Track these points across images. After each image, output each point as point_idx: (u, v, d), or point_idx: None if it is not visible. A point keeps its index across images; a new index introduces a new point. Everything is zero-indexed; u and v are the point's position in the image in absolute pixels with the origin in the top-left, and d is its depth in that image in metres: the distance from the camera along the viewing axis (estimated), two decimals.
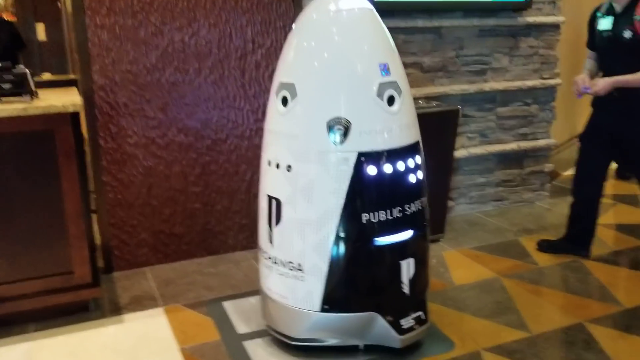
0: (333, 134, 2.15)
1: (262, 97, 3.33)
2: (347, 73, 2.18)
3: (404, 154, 2.26)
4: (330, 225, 2.20)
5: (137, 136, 3.13)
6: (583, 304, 2.81)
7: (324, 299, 2.27)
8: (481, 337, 2.52)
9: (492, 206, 4.21)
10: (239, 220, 3.46)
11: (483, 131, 4.03)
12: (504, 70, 3.99)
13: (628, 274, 3.12)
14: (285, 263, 2.31)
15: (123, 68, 3.02)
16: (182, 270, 3.27)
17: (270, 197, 2.32)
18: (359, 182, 2.18)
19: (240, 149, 3.36)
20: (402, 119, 2.26)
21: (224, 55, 3.20)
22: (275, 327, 2.45)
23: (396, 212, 2.25)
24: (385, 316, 2.30)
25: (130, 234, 3.23)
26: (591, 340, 2.49)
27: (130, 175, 3.16)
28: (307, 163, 2.19)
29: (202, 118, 3.23)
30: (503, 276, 3.11)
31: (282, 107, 2.25)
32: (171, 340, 2.54)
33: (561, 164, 5.02)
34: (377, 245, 2.25)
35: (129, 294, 2.98)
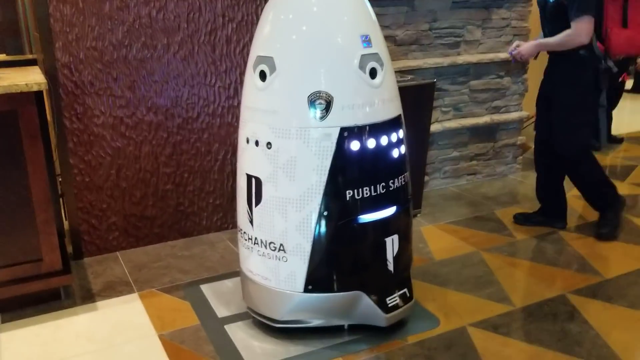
0: (314, 109, 2.07)
1: (233, 73, 3.22)
2: (327, 45, 2.09)
3: (387, 128, 2.20)
4: (313, 203, 2.13)
5: (104, 116, 2.98)
6: (563, 276, 2.82)
7: (307, 280, 2.21)
8: (465, 313, 2.50)
9: (466, 180, 4.21)
10: (212, 200, 3.36)
11: (457, 105, 4.00)
12: (476, 42, 3.96)
13: (604, 245, 3.15)
14: (266, 244, 2.23)
15: (88, 45, 2.87)
16: (155, 254, 3.17)
17: (249, 175, 2.24)
18: (342, 158, 2.11)
19: (213, 128, 3.24)
20: (385, 93, 2.20)
21: (194, 30, 3.07)
22: (257, 310, 2.39)
23: (380, 188, 2.20)
24: (370, 295, 2.26)
25: (99, 218, 3.11)
26: (574, 311, 2.50)
27: (98, 157, 3.03)
28: (288, 139, 2.11)
29: (172, 96, 3.10)
30: (482, 250, 3.11)
31: (260, 81, 2.16)
32: (148, 327, 2.45)
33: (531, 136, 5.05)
34: (361, 222, 2.19)
35: (101, 280, 2.87)
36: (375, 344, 2.29)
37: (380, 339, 2.31)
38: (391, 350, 2.25)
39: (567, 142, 3.11)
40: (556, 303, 2.57)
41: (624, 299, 2.60)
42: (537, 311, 2.51)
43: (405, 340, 2.31)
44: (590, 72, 2.98)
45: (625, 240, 3.20)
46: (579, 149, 3.13)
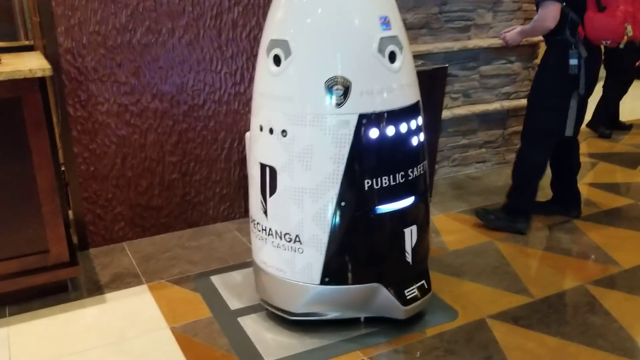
0: (332, 95, 1.99)
1: (240, 59, 3.12)
2: (345, 27, 2.01)
3: (406, 115, 2.12)
4: (331, 193, 2.06)
5: (108, 103, 2.90)
6: (581, 266, 2.76)
7: (324, 272, 2.14)
8: (484, 304, 2.44)
9: (474, 168, 4.14)
10: (219, 190, 3.28)
11: (466, 91, 3.92)
12: (487, 26, 3.87)
13: (621, 234, 3.09)
14: (281, 235, 2.16)
15: (90, 29, 2.77)
16: (162, 244, 3.09)
17: (263, 165, 2.16)
18: (360, 147, 2.03)
19: (219, 115, 3.16)
20: (404, 77, 2.12)
21: (199, 14, 2.97)
22: (271, 302, 2.32)
23: (399, 177, 2.12)
24: (389, 287, 2.19)
25: (105, 208, 3.03)
26: (595, 302, 2.44)
27: (103, 146, 2.94)
28: (304, 127, 2.03)
29: (177, 82, 3.01)
30: (496, 240, 3.04)
31: (275, 66, 2.07)
32: (160, 319, 2.39)
33: None
34: (379, 213, 2.12)
35: (109, 272, 2.80)
36: (394, 336, 2.23)
37: (398, 332, 2.25)
38: (410, 343, 2.19)
39: (525, 124, 3.16)
40: (576, 294, 2.51)
41: None
42: (557, 303, 2.45)
43: (424, 333, 2.25)
44: (559, 57, 2.91)
45: None
46: (533, 133, 3.08)
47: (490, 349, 2.15)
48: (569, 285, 2.59)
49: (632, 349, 2.13)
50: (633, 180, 3.93)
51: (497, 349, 2.15)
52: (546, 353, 2.13)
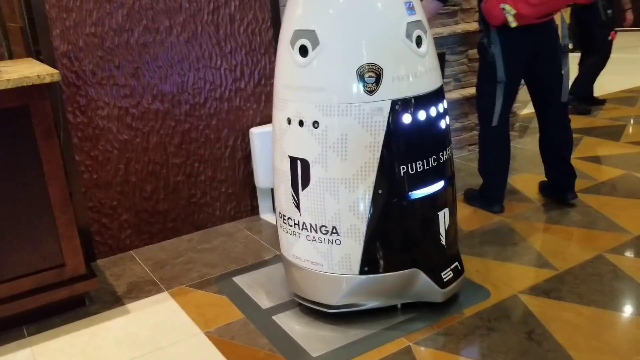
0: (364, 83, 1.97)
1: (239, 54, 3.06)
2: (373, 14, 1.98)
3: (435, 99, 2.12)
4: (367, 181, 2.04)
5: (108, 107, 2.80)
6: (594, 237, 2.82)
7: (362, 261, 2.12)
8: (512, 281, 2.47)
9: (468, 150, 4.19)
10: (225, 189, 3.22)
11: (456, 75, 3.96)
12: (473, 10, 3.91)
13: (623, 203, 3.18)
14: (317, 228, 2.13)
15: (87, 31, 2.67)
16: (172, 249, 3.01)
17: (293, 158, 2.12)
18: (395, 133, 2.02)
19: (221, 113, 3.09)
20: (430, 61, 2.11)
21: (196, 10, 2.90)
22: (307, 297, 2.29)
23: (432, 161, 2.12)
24: (427, 271, 2.19)
25: (110, 216, 2.93)
26: (617, 270, 2.50)
27: (105, 152, 2.84)
28: (337, 117, 2.00)
29: (177, 81, 2.93)
30: (507, 217, 3.09)
31: (301, 57, 2.03)
32: (191, 325, 2.32)
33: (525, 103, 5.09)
34: (414, 198, 2.11)
35: (124, 282, 2.71)
36: (434, 320, 2.23)
37: (437, 315, 2.25)
38: (452, 325, 2.20)
39: None
40: (597, 263, 2.57)
41: None
42: (582, 273, 2.50)
43: (462, 314, 2.26)
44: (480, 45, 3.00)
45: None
46: (479, 123, 3.14)
47: (530, 323, 2.18)
48: (588, 255, 2.64)
49: None
50: (620, 151, 4.05)
51: (536, 323, 2.17)
52: (584, 322, 2.16)
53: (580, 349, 2.00)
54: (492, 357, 2.00)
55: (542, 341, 2.06)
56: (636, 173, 3.60)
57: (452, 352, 2.05)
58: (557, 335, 2.09)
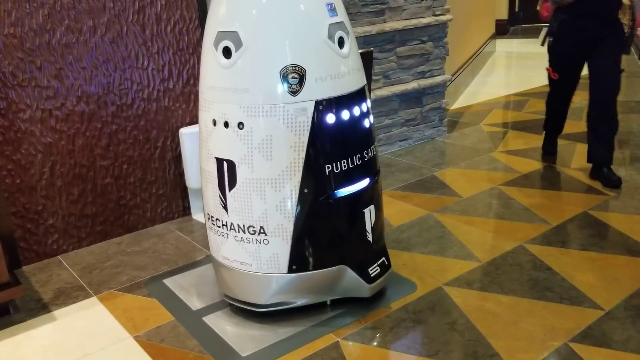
0: (288, 84, 2.00)
1: (166, 53, 3.03)
2: (295, 16, 2.01)
3: (358, 98, 2.17)
4: (293, 181, 2.07)
5: (31, 110, 2.71)
6: (515, 228, 2.96)
7: (290, 260, 2.15)
8: (437, 274, 2.56)
9: (398, 146, 4.29)
10: (155, 190, 3.18)
11: (386, 72, 4.04)
12: (400, 9, 4.00)
13: (544, 194, 3.34)
14: (244, 228, 2.15)
15: (5, 31, 2.58)
16: (101, 253, 2.96)
17: (219, 159, 2.13)
18: (319, 133, 2.05)
19: (149, 113, 3.05)
20: (352, 62, 2.16)
21: (120, 10, 2.85)
22: (236, 297, 2.30)
23: (356, 159, 2.17)
24: (354, 268, 2.24)
25: (35, 221, 2.85)
26: (536, 260, 2.63)
27: (29, 155, 2.76)
28: (262, 117, 2.02)
29: (103, 82, 2.88)
30: (434, 212, 3.19)
31: (225, 59, 2.04)
32: (120, 330, 2.29)
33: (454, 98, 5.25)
34: (340, 196, 2.16)
35: (50, 288, 2.64)
36: (362, 315, 2.28)
37: (365, 310, 2.31)
38: (379, 319, 2.26)
39: None
40: (517, 254, 2.69)
41: (575, 242, 2.77)
42: (503, 264, 2.62)
43: (389, 308, 2.33)
44: None
45: (560, 189, 3.41)
46: None
47: (454, 313, 2.27)
48: (509, 246, 2.77)
49: (577, 297, 2.33)
50: None
51: (459, 313, 2.27)
52: (503, 310, 2.27)
53: (499, 337, 2.10)
54: (416, 348, 2.08)
55: (464, 331, 2.16)
56: (557, 165, 3.78)
57: (379, 346, 2.11)
58: (478, 324, 2.18)
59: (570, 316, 2.21)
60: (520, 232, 2.90)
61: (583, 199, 3.25)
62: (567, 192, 3.36)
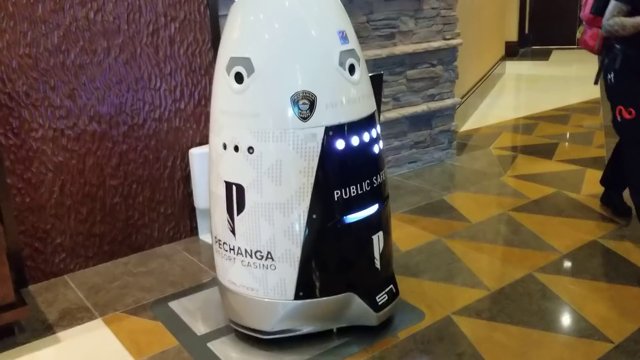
0: (298, 109, 2.00)
1: (179, 74, 3.05)
2: (307, 43, 2.02)
3: (367, 125, 2.17)
4: (302, 206, 2.06)
5: (43, 129, 2.73)
6: (525, 255, 2.93)
7: (297, 286, 2.14)
8: (446, 302, 2.54)
9: (407, 168, 4.28)
10: (163, 210, 3.18)
11: (395, 95, 4.05)
12: (410, 33, 4.01)
13: (552, 221, 3.31)
14: (252, 253, 2.14)
15: (20, 52, 2.60)
16: (108, 273, 2.95)
17: (228, 183, 2.13)
18: (328, 158, 2.05)
19: (160, 133, 3.07)
20: (363, 88, 2.16)
21: (135, 32, 2.87)
22: (242, 323, 2.28)
23: (365, 185, 2.16)
24: (361, 295, 2.23)
25: (43, 240, 2.85)
26: (545, 289, 2.60)
27: (39, 174, 2.77)
28: (272, 142, 2.02)
29: (115, 102, 2.89)
30: (443, 237, 3.17)
31: (237, 84, 2.05)
32: (124, 354, 2.28)
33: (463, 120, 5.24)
34: (349, 222, 2.15)
35: (56, 309, 2.64)
36: (368, 344, 2.26)
37: (372, 339, 2.28)
38: (386, 349, 2.23)
39: None
40: (527, 283, 2.67)
41: (585, 272, 2.74)
42: (512, 293, 2.59)
43: (397, 337, 2.30)
44: None
45: (569, 216, 3.38)
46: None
47: (462, 344, 2.24)
48: (519, 274, 2.74)
49: (587, 329, 2.30)
50: (552, 169, 4.21)
51: (467, 344, 2.24)
52: (512, 342, 2.24)
53: None
54: None
55: None
56: (566, 191, 3.75)
57: None
58: (487, 356, 2.15)
59: (580, 349, 2.18)
60: (530, 260, 2.87)
61: (593, 227, 3.22)
62: (576, 220, 3.33)
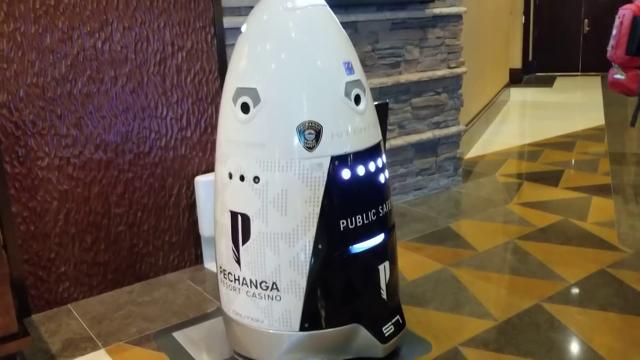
0: (304, 139, 2.00)
1: (185, 103, 3.07)
2: (313, 74, 2.03)
3: (373, 154, 2.17)
4: (307, 236, 2.05)
5: (49, 157, 2.74)
6: (532, 285, 2.90)
7: (303, 317, 2.12)
8: (453, 333, 2.50)
9: (413, 195, 4.27)
10: (168, 238, 3.17)
11: (401, 122, 4.06)
12: (415, 61, 4.04)
13: (559, 250, 3.29)
14: (257, 283, 2.12)
15: (28, 81, 2.63)
16: (112, 302, 2.93)
17: (234, 212, 2.12)
18: (334, 188, 2.05)
19: (166, 162, 3.07)
20: (368, 118, 2.17)
21: (142, 61, 2.90)
22: (247, 354, 2.26)
23: (372, 215, 2.15)
24: (368, 326, 2.20)
25: (47, 269, 2.84)
26: (553, 319, 2.57)
27: (44, 203, 2.77)
28: (278, 172, 2.02)
29: (121, 131, 2.91)
30: (450, 265, 3.14)
31: (243, 114, 2.06)
32: None
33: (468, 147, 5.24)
34: (355, 252, 2.13)
35: (59, 339, 2.61)
36: None
37: None
38: None
39: None
40: (534, 313, 2.63)
41: (593, 302, 2.71)
42: (519, 323, 2.56)
43: None
44: None
45: (576, 245, 3.35)
46: None
47: None
48: (526, 304, 2.71)
49: None
50: (557, 197, 4.20)
51: None
52: None
53: None
54: None
55: None
56: (572, 219, 3.73)
57: None
58: None
59: None
60: (537, 290, 2.84)
61: (600, 256, 3.19)
62: (583, 248, 3.30)
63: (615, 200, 4.06)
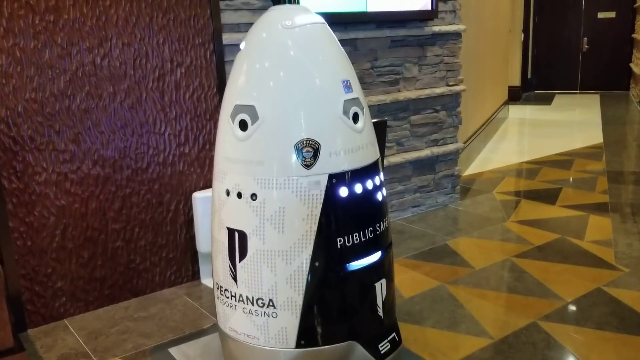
0: (302, 157, 2.01)
1: (184, 119, 3.08)
2: (311, 92, 2.05)
3: (371, 172, 2.17)
4: (304, 254, 2.05)
5: (46, 173, 2.75)
6: (529, 303, 2.89)
7: (299, 334, 2.11)
8: (449, 351, 2.49)
9: (411, 212, 4.27)
10: (165, 254, 3.17)
11: (399, 140, 4.08)
12: (414, 79, 4.07)
13: (556, 268, 3.28)
14: (253, 300, 2.12)
15: (26, 96, 2.64)
16: (108, 318, 2.92)
17: (231, 229, 2.12)
18: (332, 206, 2.05)
19: (164, 177, 3.08)
20: (366, 137, 2.18)
21: (141, 77, 2.92)
22: None
23: (369, 233, 2.16)
24: (364, 344, 2.19)
25: (44, 284, 2.83)
26: (550, 338, 2.56)
27: (41, 218, 2.77)
28: (275, 190, 2.02)
29: (120, 147, 2.92)
30: (447, 283, 3.14)
31: (241, 131, 2.07)
32: None
33: (467, 165, 5.25)
34: (351, 270, 2.13)
35: (54, 354, 2.60)
36: None
37: None
38: None
39: None
40: (531, 331, 2.63)
41: (590, 320, 2.70)
42: (516, 342, 2.55)
43: None
44: None
45: (573, 263, 3.35)
46: None
47: None
48: (522, 323, 2.70)
49: None
50: (555, 215, 4.20)
51: None
52: None
53: None
54: None
55: None
56: (570, 237, 3.73)
57: None
58: None
59: None
60: (534, 308, 2.83)
61: (597, 274, 3.19)
62: (580, 267, 3.30)
63: (613, 219, 4.07)
